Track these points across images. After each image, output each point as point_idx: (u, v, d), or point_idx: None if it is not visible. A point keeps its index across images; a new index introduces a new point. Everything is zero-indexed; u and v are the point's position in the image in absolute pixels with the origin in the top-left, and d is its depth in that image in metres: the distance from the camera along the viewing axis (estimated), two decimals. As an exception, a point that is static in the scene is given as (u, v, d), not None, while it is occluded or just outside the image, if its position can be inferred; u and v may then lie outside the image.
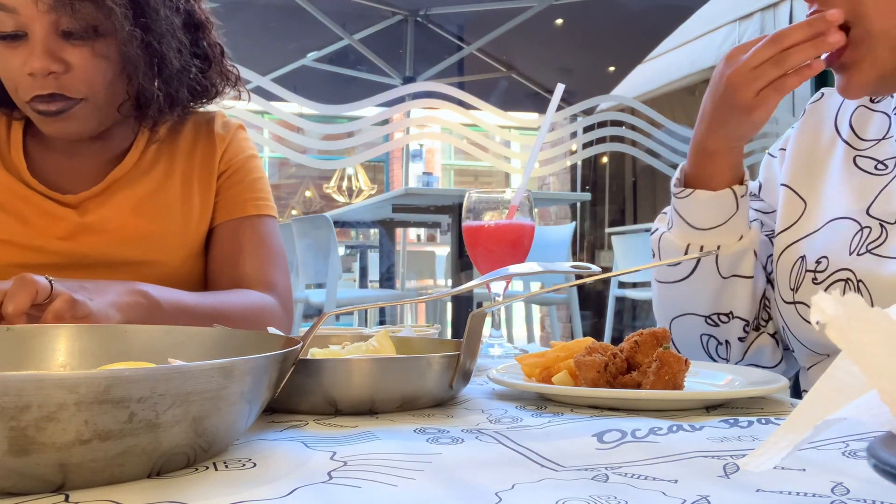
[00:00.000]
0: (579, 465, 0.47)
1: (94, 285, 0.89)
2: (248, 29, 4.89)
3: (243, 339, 0.65)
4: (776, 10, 5.39)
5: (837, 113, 0.99)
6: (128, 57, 1.01)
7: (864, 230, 0.87)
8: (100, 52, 1.00)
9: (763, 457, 0.32)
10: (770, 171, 1.05)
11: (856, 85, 0.84)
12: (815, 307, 0.30)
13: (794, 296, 0.90)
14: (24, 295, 0.77)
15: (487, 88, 5.97)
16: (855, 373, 0.31)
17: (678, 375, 0.68)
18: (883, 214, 0.86)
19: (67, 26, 0.97)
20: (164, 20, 1.03)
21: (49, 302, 0.79)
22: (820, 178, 0.96)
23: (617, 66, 6.19)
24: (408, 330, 1.03)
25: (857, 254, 0.86)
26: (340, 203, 8.57)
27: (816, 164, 0.97)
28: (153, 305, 0.93)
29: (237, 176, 1.21)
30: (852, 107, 0.98)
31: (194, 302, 1.01)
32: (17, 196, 1.08)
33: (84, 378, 0.39)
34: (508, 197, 1.09)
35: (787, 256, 0.93)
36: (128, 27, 0.98)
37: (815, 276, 0.88)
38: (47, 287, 0.79)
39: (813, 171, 0.97)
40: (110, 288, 0.90)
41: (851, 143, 0.95)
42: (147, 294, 0.93)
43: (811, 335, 0.89)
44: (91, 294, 0.85)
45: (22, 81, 1.00)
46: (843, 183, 0.92)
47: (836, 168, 0.95)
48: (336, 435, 0.55)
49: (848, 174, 0.92)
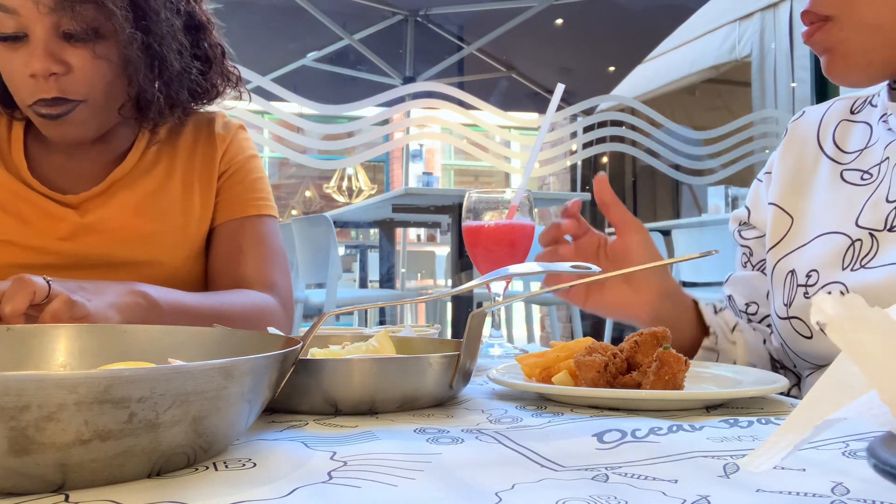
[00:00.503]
0: (579, 465, 0.47)
1: (92, 286, 0.89)
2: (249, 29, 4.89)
3: (243, 339, 0.65)
4: (776, 10, 5.40)
5: (819, 129, 0.99)
6: (128, 58, 1.01)
7: (855, 244, 0.87)
8: (100, 53, 1.00)
9: (763, 457, 0.32)
10: (757, 195, 1.05)
11: (841, 68, 0.84)
12: (816, 307, 0.30)
13: (787, 311, 0.90)
14: (21, 296, 0.77)
15: (487, 88, 5.98)
16: (855, 373, 0.31)
17: (678, 375, 0.68)
18: (871, 223, 0.86)
19: (68, 28, 0.97)
20: (164, 22, 1.03)
21: (47, 302, 0.79)
22: (806, 194, 0.96)
23: (617, 66, 6.19)
24: (408, 330, 1.03)
25: (851, 269, 0.86)
26: (340, 203, 8.58)
27: (802, 182, 0.97)
28: (152, 306, 0.93)
29: (238, 176, 1.21)
30: (834, 122, 0.98)
31: (194, 302, 1.01)
32: (17, 196, 1.08)
33: (84, 378, 0.39)
34: (508, 197, 1.09)
35: (779, 272, 0.94)
36: (128, 29, 0.98)
37: (807, 290, 0.89)
38: (45, 287, 0.79)
39: (799, 189, 0.97)
40: (109, 288, 0.90)
41: (836, 159, 0.95)
42: (146, 294, 0.93)
43: (808, 348, 0.89)
44: (90, 294, 0.85)
45: (24, 83, 1.00)
46: (831, 198, 0.92)
47: (823, 184, 0.95)
48: (336, 435, 0.55)
49: (835, 190, 0.92)
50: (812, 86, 4.33)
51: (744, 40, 5.65)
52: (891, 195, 0.86)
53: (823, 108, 1.02)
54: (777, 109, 5.04)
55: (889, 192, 0.86)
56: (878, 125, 0.92)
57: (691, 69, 6.19)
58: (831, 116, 0.99)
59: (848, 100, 1.00)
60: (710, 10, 5.54)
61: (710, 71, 6.09)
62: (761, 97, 5.37)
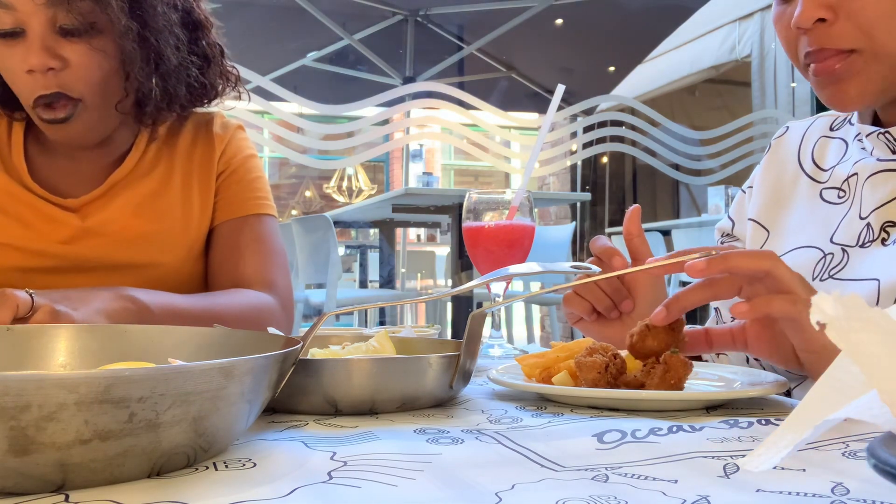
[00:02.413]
0: (579, 466, 0.47)
1: (78, 294, 0.88)
2: (248, 29, 4.89)
3: (243, 339, 0.65)
4: (776, 10, 5.39)
5: (800, 147, 1.01)
6: (125, 52, 1.01)
7: (826, 256, 0.89)
8: (97, 48, 1.00)
9: (763, 457, 0.32)
10: (741, 207, 1.07)
11: (855, 96, 0.84)
12: (815, 307, 0.30)
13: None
14: (4, 310, 0.77)
15: (487, 88, 5.98)
16: (855, 373, 0.31)
17: (683, 380, 0.68)
18: (844, 240, 0.88)
19: (64, 23, 0.98)
20: (161, 16, 1.03)
21: (31, 314, 0.79)
22: (784, 210, 0.98)
23: (617, 66, 6.19)
24: (408, 330, 1.03)
25: (821, 279, 0.87)
26: (340, 203, 8.58)
27: (781, 199, 1.00)
28: (142, 310, 0.92)
29: (236, 175, 1.21)
30: (813, 140, 1.00)
31: (186, 304, 1.00)
32: (18, 200, 1.08)
33: (84, 378, 0.39)
34: (508, 197, 1.09)
35: None
36: (124, 21, 0.98)
37: None
38: (28, 301, 0.79)
39: (778, 205, 1.00)
40: (96, 295, 0.89)
41: (815, 177, 0.97)
42: (135, 299, 0.92)
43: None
44: (75, 303, 0.85)
45: (22, 80, 1.00)
46: (809, 216, 0.94)
47: (801, 202, 0.97)
48: (336, 435, 0.55)
49: (814, 208, 0.94)
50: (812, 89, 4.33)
51: (744, 40, 5.65)
52: (863, 212, 0.87)
53: (805, 126, 1.04)
54: (777, 109, 5.04)
55: (861, 210, 0.88)
56: (854, 143, 0.94)
57: (691, 69, 6.19)
58: (812, 134, 1.02)
59: (829, 117, 1.02)
60: (710, 10, 5.53)
61: (710, 71, 6.09)
62: (761, 97, 5.37)
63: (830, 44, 0.82)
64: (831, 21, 0.81)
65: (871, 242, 0.85)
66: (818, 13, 0.80)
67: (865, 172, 0.89)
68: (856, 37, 0.81)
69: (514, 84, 6.23)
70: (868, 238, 0.86)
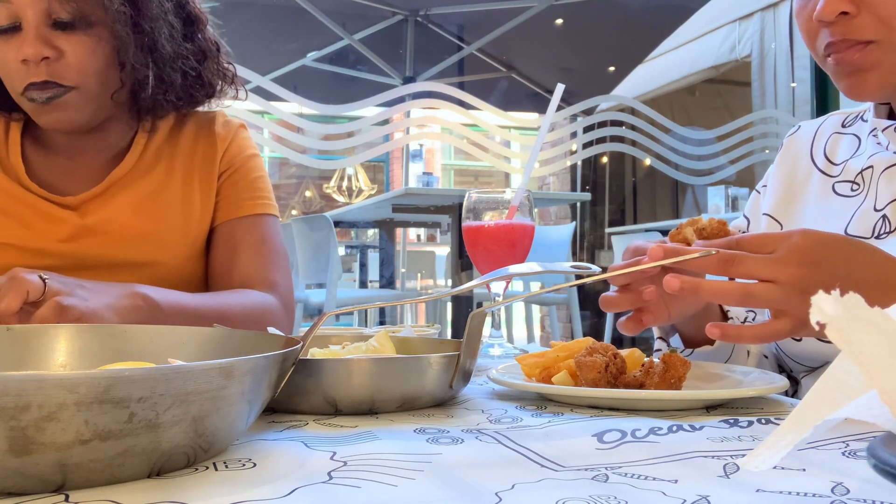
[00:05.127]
0: (579, 465, 0.47)
1: (92, 286, 0.89)
2: (248, 29, 4.89)
3: (243, 339, 0.65)
4: (776, 9, 5.39)
5: (812, 144, 1.03)
6: (119, 40, 1.02)
7: None
8: (92, 39, 1.01)
9: (763, 457, 0.32)
10: (756, 206, 1.09)
11: (874, 87, 0.85)
12: (815, 307, 0.30)
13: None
14: (13, 295, 0.77)
15: (487, 88, 5.98)
16: (855, 373, 0.31)
17: (683, 379, 0.68)
18: (859, 231, 0.89)
19: (59, 15, 0.99)
20: (155, 4, 1.05)
21: (43, 300, 0.79)
22: (797, 205, 1.00)
23: (617, 66, 6.19)
24: (408, 330, 1.03)
25: None
26: (340, 203, 8.57)
27: (794, 194, 1.01)
28: (152, 308, 0.93)
29: (238, 175, 1.21)
30: (825, 136, 1.02)
31: (195, 303, 1.00)
32: (16, 200, 1.08)
33: (84, 378, 0.39)
34: (508, 197, 1.09)
35: None
36: (117, 5, 0.99)
37: None
38: (39, 286, 0.79)
39: (791, 200, 1.01)
40: (109, 290, 0.90)
41: (827, 172, 0.98)
42: (146, 297, 0.93)
43: (799, 350, 0.91)
44: (88, 294, 0.85)
45: (16, 70, 1.01)
46: (822, 210, 0.95)
47: (814, 197, 0.98)
48: (336, 435, 0.55)
49: (826, 202, 0.96)
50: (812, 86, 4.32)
51: (744, 40, 5.65)
52: (878, 204, 0.89)
53: (817, 124, 1.05)
54: (777, 109, 5.04)
55: (876, 202, 0.89)
56: (868, 138, 0.95)
57: (691, 69, 6.19)
58: (824, 131, 1.03)
59: (841, 115, 1.04)
60: (710, 10, 5.53)
61: (710, 71, 6.09)
62: (761, 97, 5.37)
63: (852, 35, 0.83)
64: (853, 14, 0.82)
65: (887, 234, 0.87)
66: (841, 6, 0.81)
67: (881, 166, 0.90)
68: (877, 28, 0.82)
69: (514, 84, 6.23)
70: (884, 230, 0.87)
